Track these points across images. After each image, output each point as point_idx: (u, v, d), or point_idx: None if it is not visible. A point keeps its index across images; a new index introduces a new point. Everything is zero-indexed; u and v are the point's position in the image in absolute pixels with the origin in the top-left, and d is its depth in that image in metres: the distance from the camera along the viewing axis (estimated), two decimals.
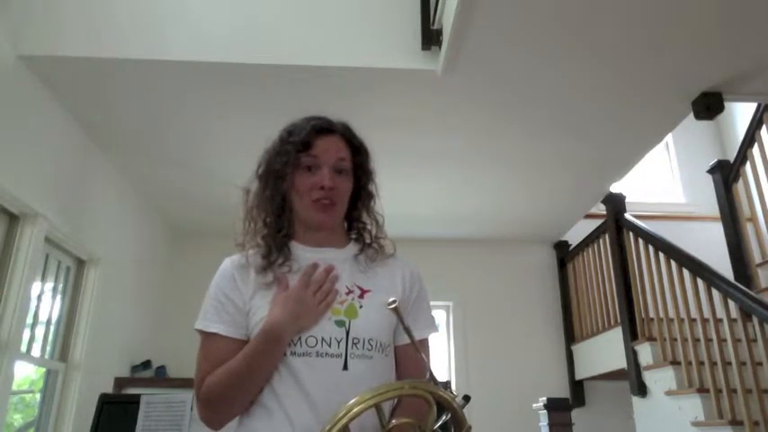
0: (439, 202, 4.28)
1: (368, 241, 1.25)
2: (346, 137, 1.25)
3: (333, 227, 1.24)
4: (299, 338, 1.10)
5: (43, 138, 2.88)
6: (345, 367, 1.09)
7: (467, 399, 0.98)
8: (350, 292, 1.16)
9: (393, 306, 0.97)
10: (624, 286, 3.78)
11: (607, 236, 4.07)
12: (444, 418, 0.96)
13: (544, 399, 3.02)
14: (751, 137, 3.81)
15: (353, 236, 1.27)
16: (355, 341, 1.11)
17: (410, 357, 1.18)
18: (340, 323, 1.11)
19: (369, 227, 1.27)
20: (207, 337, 1.14)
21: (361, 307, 1.14)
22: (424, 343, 1.22)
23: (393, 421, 0.97)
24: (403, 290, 1.21)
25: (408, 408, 1.07)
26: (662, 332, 3.39)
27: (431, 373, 0.97)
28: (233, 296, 1.16)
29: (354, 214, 1.28)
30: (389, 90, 2.89)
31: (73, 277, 3.41)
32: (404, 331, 1.02)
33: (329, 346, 1.09)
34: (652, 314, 3.56)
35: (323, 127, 1.23)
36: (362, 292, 1.16)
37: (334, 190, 1.18)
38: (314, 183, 1.18)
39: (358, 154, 1.26)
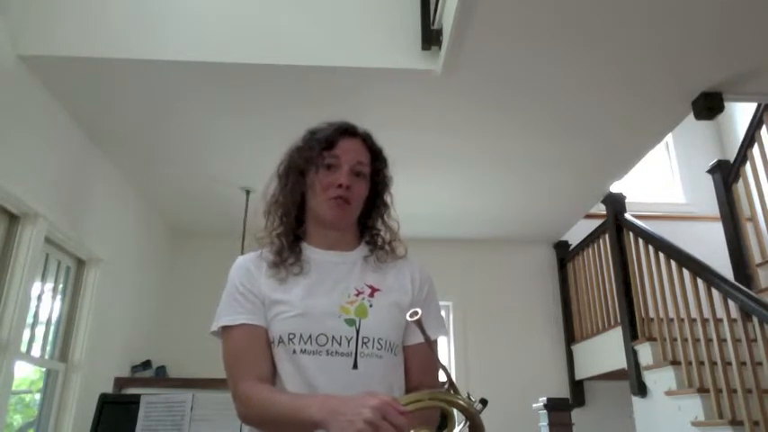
0: (439, 202, 4.28)
1: (380, 244, 1.27)
2: (367, 143, 1.28)
3: (345, 227, 1.25)
4: (310, 336, 1.11)
5: (43, 138, 2.88)
6: (355, 366, 1.10)
7: (484, 403, 0.97)
8: (360, 292, 1.17)
9: (415, 318, 0.96)
10: (624, 286, 3.77)
11: (607, 236, 4.07)
12: (462, 425, 0.95)
13: (544, 399, 3.02)
14: (751, 137, 3.80)
15: (366, 239, 1.29)
16: (365, 340, 1.12)
17: (421, 358, 1.18)
18: (350, 322, 1.12)
19: (382, 233, 1.29)
20: (229, 331, 1.15)
21: (371, 306, 1.15)
22: (434, 344, 1.23)
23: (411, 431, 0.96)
24: (412, 290, 1.23)
25: (421, 415, 1.04)
26: (662, 332, 3.39)
27: (450, 382, 0.96)
28: (251, 287, 1.18)
29: (369, 222, 1.29)
30: (389, 90, 2.89)
31: (73, 277, 3.41)
32: (419, 335, 1.01)
33: (339, 344, 1.10)
34: (652, 314, 3.56)
35: (346, 129, 1.27)
36: (372, 291, 1.18)
37: (351, 190, 1.20)
38: (332, 180, 1.20)
39: (377, 160, 1.29)
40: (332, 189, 1.20)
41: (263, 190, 1.30)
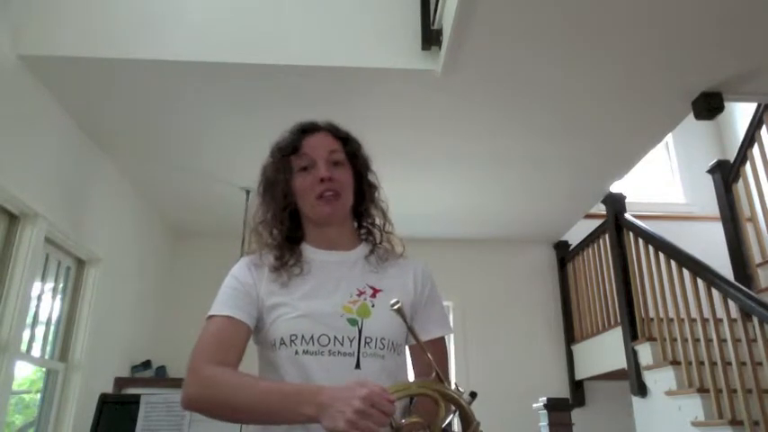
0: (439, 202, 4.28)
1: (378, 240, 1.27)
2: (333, 131, 1.27)
3: (341, 220, 1.25)
4: (312, 337, 1.10)
5: (43, 138, 2.88)
6: (358, 366, 1.09)
7: (473, 395, 0.98)
8: (362, 292, 1.17)
9: (396, 307, 0.97)
10: (624, 286, 3.77)
11: (607, 236, 4.07)
12: (452, 415, 0.96)
13: (544, 399, 3.02)
14: (751, 137, 3.80)
15: (363, 235, 1.29)
16: (368, 340, 1.11)
17: (422, 357, 1.18)
18: (352, 322, 1.12)
19: (377, 221, 1.28)
20: (211, 318, 1.14)
21: (373, 306, 1.15)
22: (440, 341, 1.23)
23: (402, 421, 0.97)
24: (414, 289, 1.22)
25: (419, 407, 1.07)
26: (662, 332, 3.39)
27: (437, 372, 0.97)
28: (247, 286, 1.17)
29: (361, 209, 1.29)
30: (389, 90, 2.89)
31: (73, 277, 3.41)
32: (423, 334, 1.01)
33: (341, 344, 1.10)
34: (652, 314, 3.56)
35: (307, 127, 1.26)
36: (374, 292, 1.17)
37: (334, 180, 1.19)
38: (312, 179, 1.19)
39: (348, 144, 1.27)
40: (316, 187, 1.19)
41: (250, 208, 1.30)
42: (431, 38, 2.70)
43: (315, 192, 1.19)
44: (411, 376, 1.22)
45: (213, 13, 2.78)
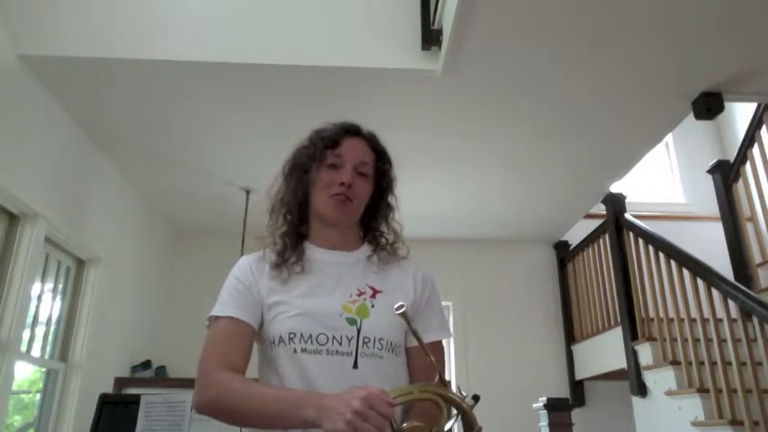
0: (439, 202, 4.28)
1: (382, 245, 1.28)
2: (371, 143, 1.29)
3: (346, 225, 1.26)
4: (310, 336, 1.10)
5: (43, 138, 2.88)
6: (355, 366, 1.10)
7: (476, 398, 0.97)
8: (362, 292, 1.17)
9: (401, 311, 0.97)
10: (624, 286, 3.77)
11: (607, 236, 4.07)
12: (454, 419, 0.96)
13: (544, 399, 3.02)
14: (751, 137, 3.80)
15: (368, 239, 1.30)
16: (366, 340, 1.12)
17: (421, 359, 1.17)
18: (351, 321, 1.12)
19: (386, 235, 1.29)
20: (215, 321, 1.15)
21: (372, 306, 1.15)
22: (438, 345, 1.23)
23: (404, 425, 0.97)
24: (414, 292, 1.23)
25: (420, 411, 1.06)
26: (662, 332, 3.39)
27: (440, 376, 0.96)
28: (249, 285, 1.18)
29: (373, 224, 1.30)
30: (389, 90, 2.89)
31: (73, 277, 3.41)
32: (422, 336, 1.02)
33: (340, 344, 1.10)
34: (652, 314, 3.56)
35: (350, 129, 1.28)
36: (374, 293, 1.18)
37: (353, 188, 1.21)
38: (334, 178, 1.21)
39: (381, 160, 1.30)
40: (334, 187, 1.20)
41: (267, 189, 1.31)
42: (431, 38, 2.70)
43: (331, 190, 1.20)
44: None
45: (213, 13, 2.78)
